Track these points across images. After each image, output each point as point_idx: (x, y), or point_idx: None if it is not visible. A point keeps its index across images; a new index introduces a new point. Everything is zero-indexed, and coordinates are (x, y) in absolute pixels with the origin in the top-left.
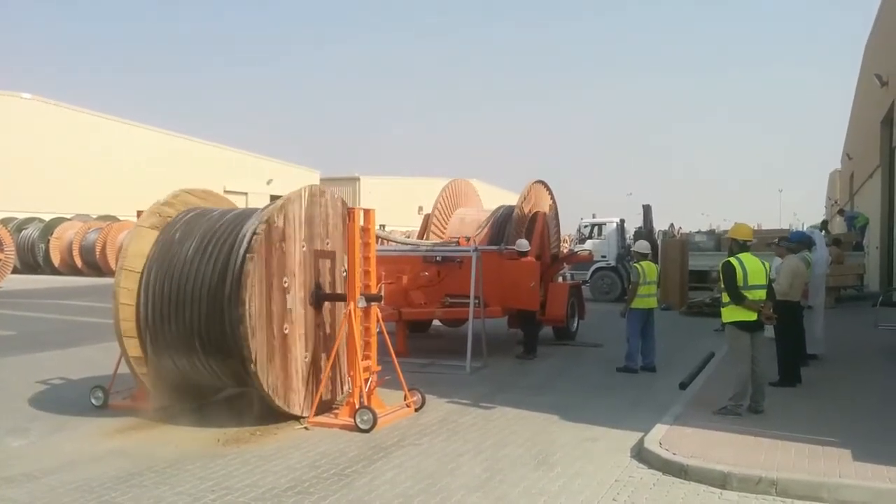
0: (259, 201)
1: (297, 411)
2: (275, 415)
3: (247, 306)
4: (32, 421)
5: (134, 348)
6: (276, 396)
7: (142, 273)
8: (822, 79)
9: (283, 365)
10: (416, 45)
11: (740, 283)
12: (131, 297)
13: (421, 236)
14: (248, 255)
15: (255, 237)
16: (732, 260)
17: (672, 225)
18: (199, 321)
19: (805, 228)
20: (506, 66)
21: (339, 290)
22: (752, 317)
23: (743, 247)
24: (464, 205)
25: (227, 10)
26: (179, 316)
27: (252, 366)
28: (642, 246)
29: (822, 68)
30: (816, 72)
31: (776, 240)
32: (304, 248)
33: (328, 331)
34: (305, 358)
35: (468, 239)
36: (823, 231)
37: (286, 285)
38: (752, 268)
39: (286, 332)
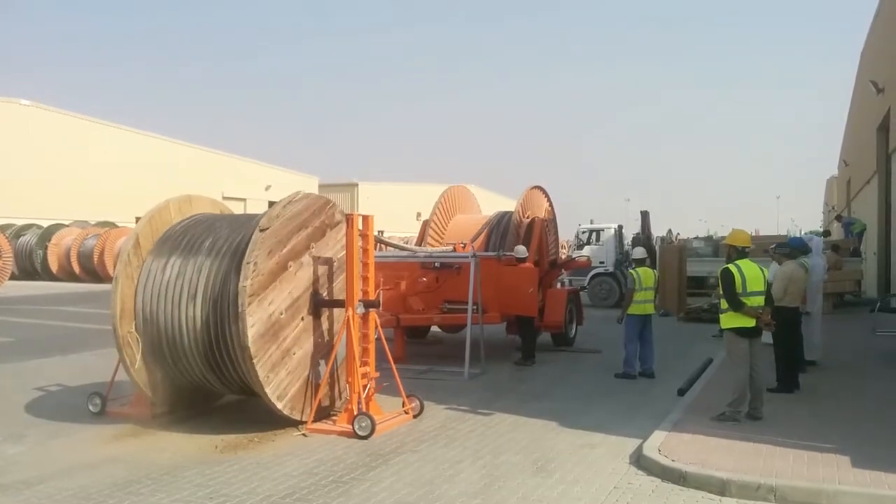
0: (257, 207)
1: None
2: (273, 421)
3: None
4: (29, 427)
5: (132, 354)
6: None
7: (139, 278)
8: (819, 84)
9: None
10: (415, 51)
11: (739, 289)
12: (129, 301)
13: (419, 243)
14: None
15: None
16: (731, 266)
17: (670, 231)
18: (198, 325)
19: (803, 234)
20: (505, 72)
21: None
22: (751, 323)
23: (742, 253)
24: (462, 211)
25: (227, 18)
26: (177, 320)
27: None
28: (638, 252)
29: (819, 73)
30: (814, 77)
31: (773, 245)
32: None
33: (326, 337)
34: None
35: (464, 245)
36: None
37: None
38: (751, 274)
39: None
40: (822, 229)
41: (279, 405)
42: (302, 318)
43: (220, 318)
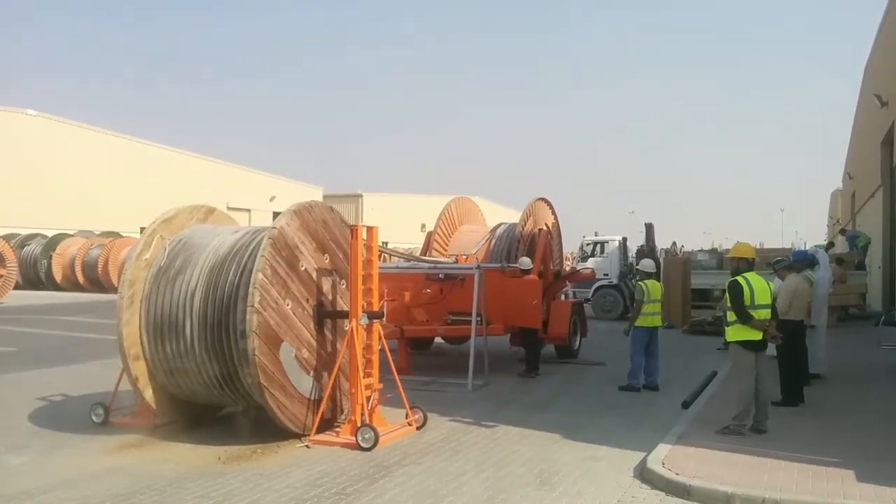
0: (262, 218)
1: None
2: (276, 433)
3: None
4: (32, 438)
5: (137, 364)
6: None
7: (144, 287)
8: (824, 97)
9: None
10: (417, 61)
11: (747, 301)
12: (134, 311)
13: (424, 254)
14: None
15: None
16: (740, 279)
17: (674, 243)
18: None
19: (808, 248)
20: (509, 82)
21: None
22: (758, 336)
23: (751, 265)
24: (466, 222)
25: (232, 29)
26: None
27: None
28: (647, 265)
29: (824, 86)
30: (819, 90)
31: (776, 260)
32: (309, 266)
33: (330, 348)
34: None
35: (466, 257)
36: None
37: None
38: (758, 287)
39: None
40: (826, 242)
41: (252, 334)
42: (307, 300)
43: (244, 245)
